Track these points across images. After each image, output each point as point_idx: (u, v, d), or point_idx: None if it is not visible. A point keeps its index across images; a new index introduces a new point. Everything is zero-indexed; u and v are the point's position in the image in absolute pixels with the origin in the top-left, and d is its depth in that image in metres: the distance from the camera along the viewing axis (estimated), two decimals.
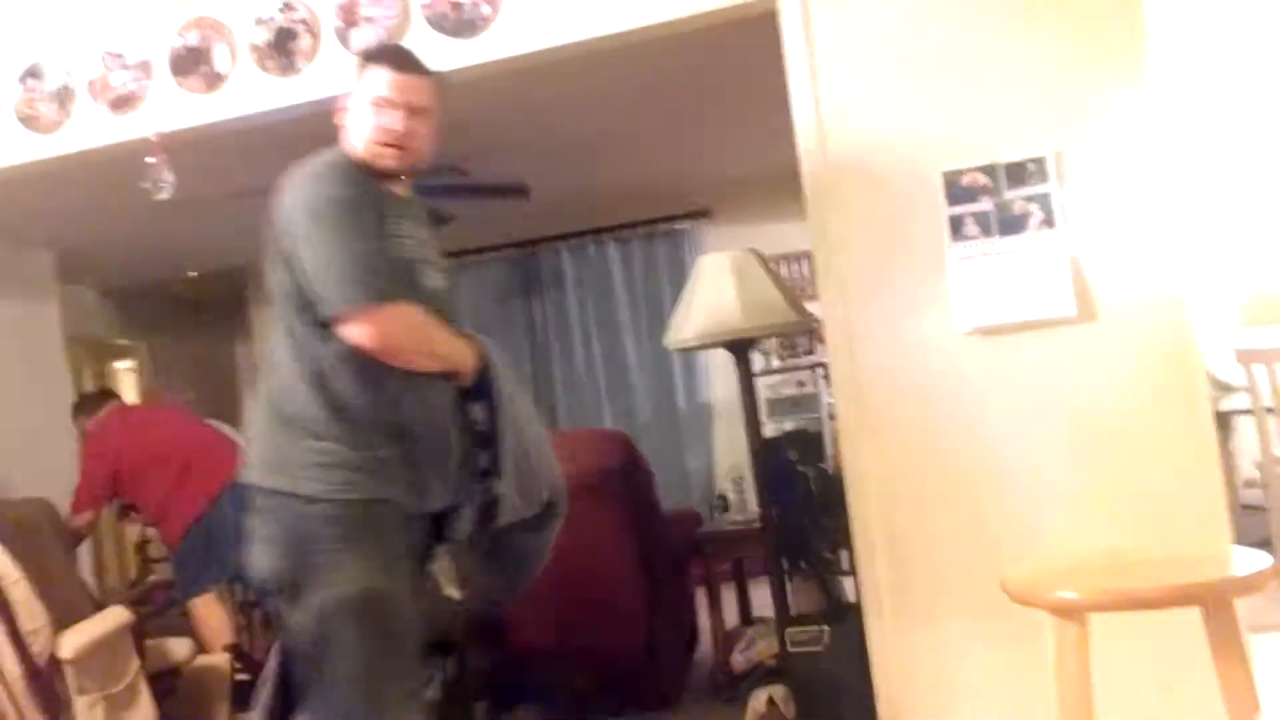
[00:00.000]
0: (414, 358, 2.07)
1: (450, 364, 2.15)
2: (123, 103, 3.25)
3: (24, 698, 2.79)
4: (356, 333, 1.98)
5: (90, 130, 3.30)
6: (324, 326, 2.02)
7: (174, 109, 3.21)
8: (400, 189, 2.19)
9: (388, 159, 2.10)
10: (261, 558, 2.07)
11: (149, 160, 3.20)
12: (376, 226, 2.03)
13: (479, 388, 2.20)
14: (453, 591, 2.20)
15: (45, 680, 2.82)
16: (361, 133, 2.11)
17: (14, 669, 2.78)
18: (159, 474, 4.24)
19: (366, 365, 2.02)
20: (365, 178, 2.09)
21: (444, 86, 2.22)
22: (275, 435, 2.07)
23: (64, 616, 2.94)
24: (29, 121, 3.33)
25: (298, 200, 2.04)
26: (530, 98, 4.13)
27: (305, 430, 2.03)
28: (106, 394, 4.83)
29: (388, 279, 2.01)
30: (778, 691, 3.10)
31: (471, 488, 2.20)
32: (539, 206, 6.04)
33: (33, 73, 3.33)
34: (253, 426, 2.12)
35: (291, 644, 2.10)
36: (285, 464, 2.03)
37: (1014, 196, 2.57)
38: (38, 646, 2.81)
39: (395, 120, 2.09)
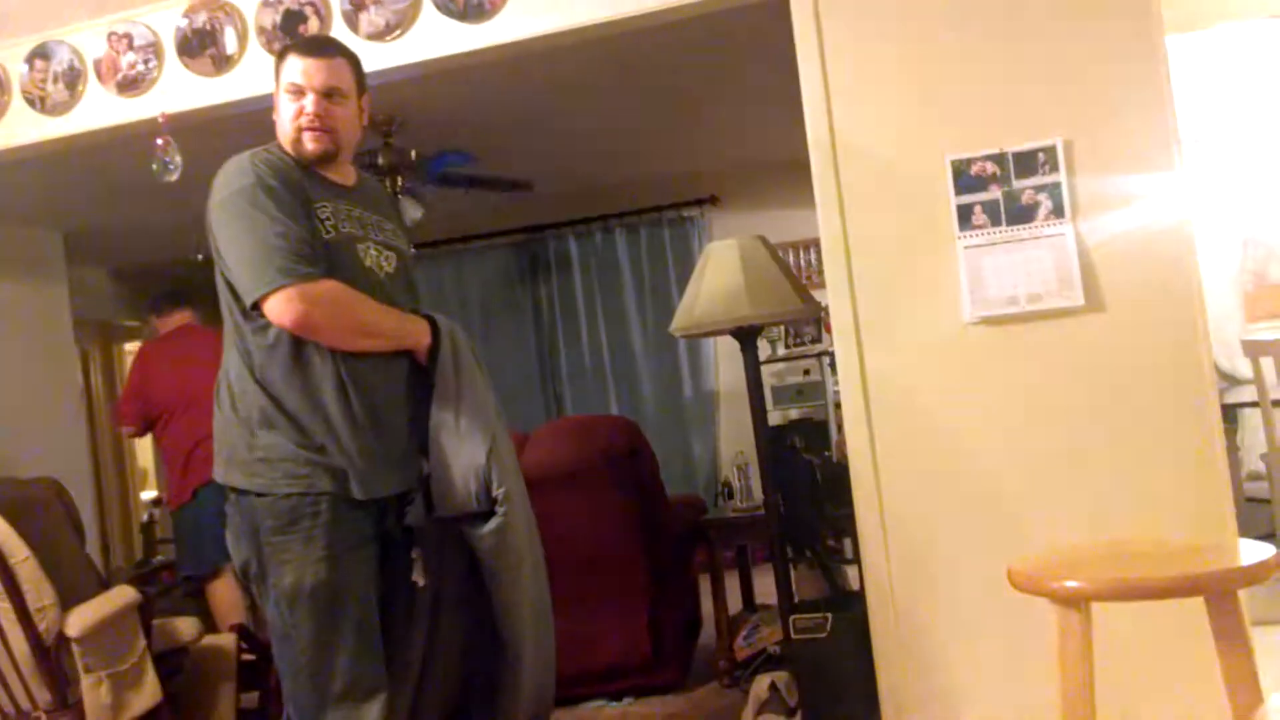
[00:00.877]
0: (344, 335, 2.05)
1: (395, 341, 2.13)
2: (131, 84, 3.25)
3: (31, 675, 2.81)
4: (274, 313, 1.99)
5: (98, 112, 3.30)
6: (253, 318, 2.04)
7: (182, 91, 3.22)
8: (340, 174, 2.20)
9: (309, 143, 2.13)
10: (232, 550, 2.11)
11: (157, 142, 3.21)
12: (294, 211, 2.03)
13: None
14: (418, 578, 2.18)
15: (52, 658, 2.84)
16: (282, 121, 2.15)
17: (21, 646, 2.80)
18: (181, 425, 4.20)
19: (294, 353, 2.03)
20: (288, 165, 2.10)
21: (360, 67, 2.22)
22: (230, 432, 2.08)
23: (71, 595, 2.96)
24: (37, 102, 3.33)
25: (212, 196, 2.08)
26: (537, 83, 4.12)
27: (251, 425, 2.04)
28: (177, 301, 4.47)
29: (299, 258, 1.99)
30: (780, 678, 3.11)
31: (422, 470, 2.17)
32: (546, 193, 6.05)
33: (41, 53, 3.33)
34: (215, 424, 2.13)
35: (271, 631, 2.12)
36: (238, 460, 2.06)
37: (1023, 186, 2.56)
38: (45, 624, 2.83)
39: (309, 104, 2.11)
